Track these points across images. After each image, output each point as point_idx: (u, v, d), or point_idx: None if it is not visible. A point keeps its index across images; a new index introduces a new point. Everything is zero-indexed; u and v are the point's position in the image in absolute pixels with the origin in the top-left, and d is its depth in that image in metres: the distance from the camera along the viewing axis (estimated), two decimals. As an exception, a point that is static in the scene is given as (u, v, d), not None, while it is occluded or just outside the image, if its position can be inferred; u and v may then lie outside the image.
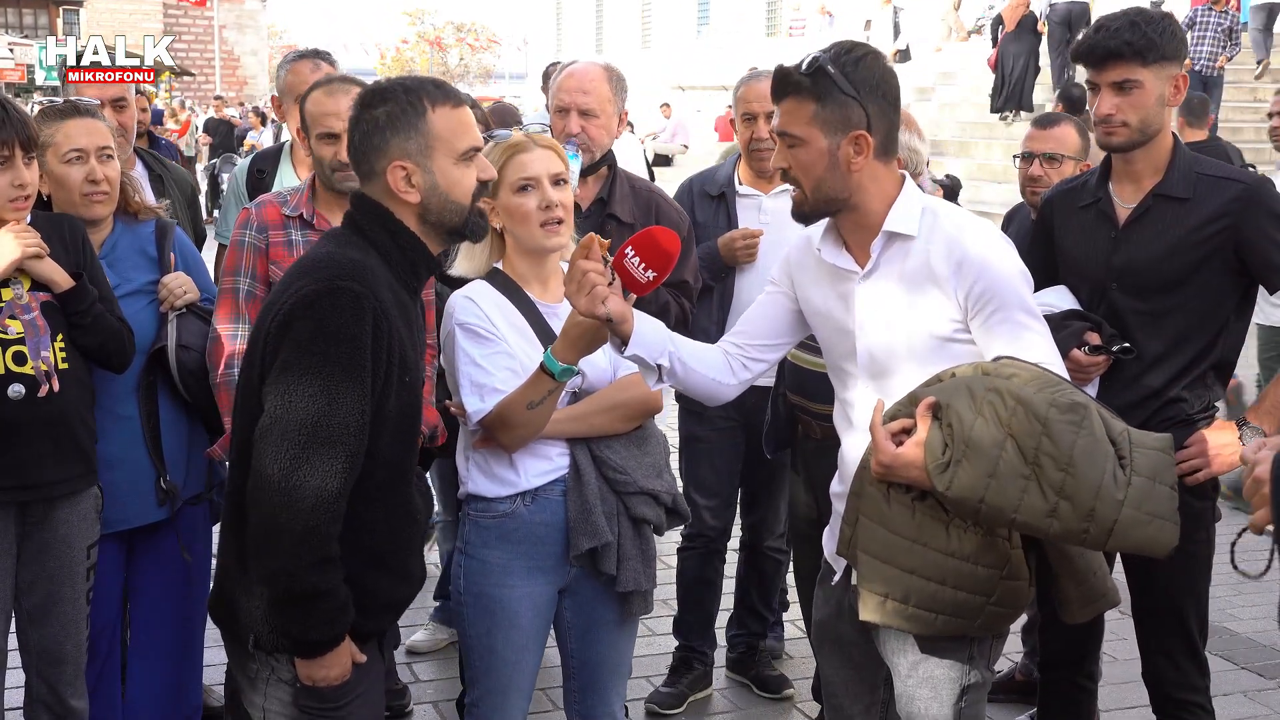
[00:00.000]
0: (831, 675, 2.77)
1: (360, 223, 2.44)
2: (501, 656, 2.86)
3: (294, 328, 2.27)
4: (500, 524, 2.82)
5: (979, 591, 2.35)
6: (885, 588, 2.37)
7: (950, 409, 2.24)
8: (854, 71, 2.41)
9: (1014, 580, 2.38)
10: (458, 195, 2.42)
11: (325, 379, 2.23)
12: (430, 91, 2.41)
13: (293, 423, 2.23)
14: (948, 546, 2.33)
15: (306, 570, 2.25)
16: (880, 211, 2.48)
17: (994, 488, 2.20)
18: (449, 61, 63.47)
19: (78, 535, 3.12)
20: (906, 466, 2.28)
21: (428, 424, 3.68)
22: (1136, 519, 2.21)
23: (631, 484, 2.82)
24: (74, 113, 3.27)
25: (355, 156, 2.44)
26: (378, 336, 2.28)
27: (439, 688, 4.43)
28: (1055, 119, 4.15)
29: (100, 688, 3.39)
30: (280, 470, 2.23)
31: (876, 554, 2.37)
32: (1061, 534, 2.24)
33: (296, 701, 2.41)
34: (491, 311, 2.80)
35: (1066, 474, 2.19)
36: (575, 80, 3.73)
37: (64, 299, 3.05)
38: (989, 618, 2.39)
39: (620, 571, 2.83)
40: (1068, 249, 3.20)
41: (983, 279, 2.41)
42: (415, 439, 2.46)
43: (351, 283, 2.28)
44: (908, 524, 2.34)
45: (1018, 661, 4.46)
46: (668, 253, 2.55)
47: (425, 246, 2.45)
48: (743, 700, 4.39)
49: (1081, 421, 2.21)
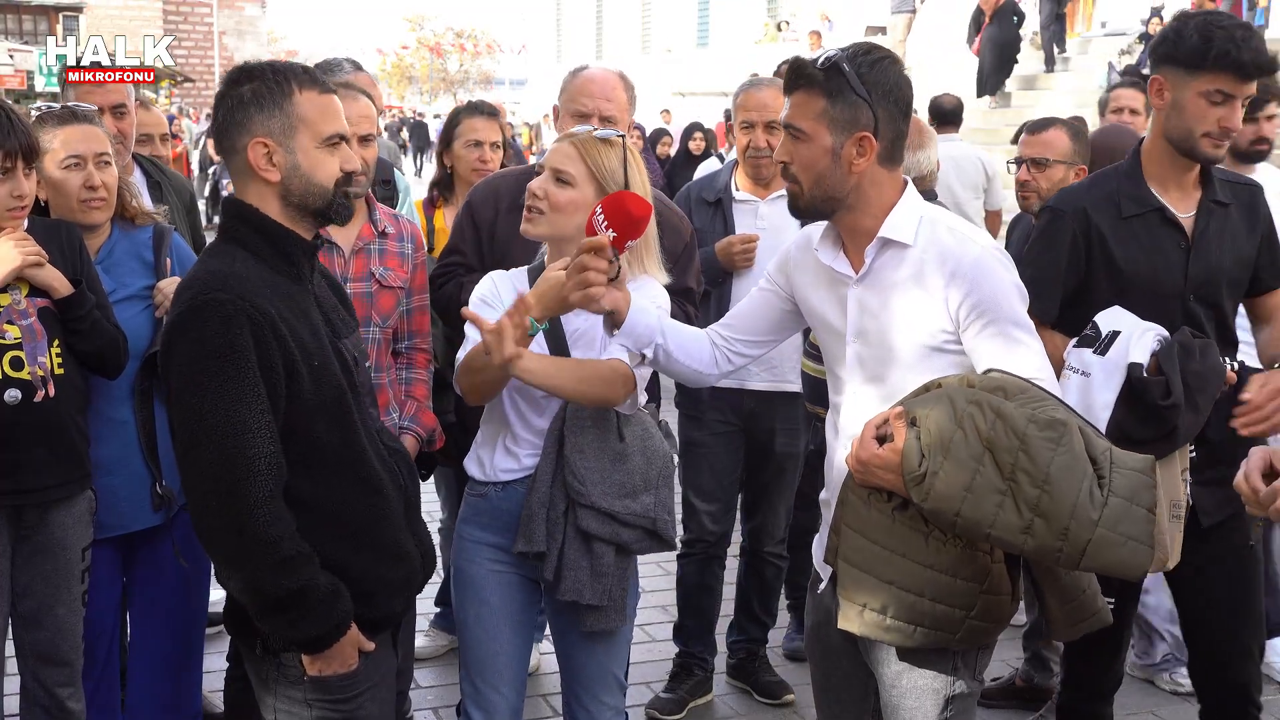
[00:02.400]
0: (822, 682, 2.76)
1: (227, 226, 2.46)
2: (474, 632, 2.95)
3: (173, 353, 2.32)
4: (477, 504, 2.97)
5: (958, 605, 2.32)
6: (864, 597, 2.36)
7: (927, 418, 2.21)
8: (868, 73, 2.40)
9: (995, 595, 2.35)
10: (320, 178, 2.43)
11: (215, 394, 2.26)
12: (299, 75, 2.44)
13: (198, 444, 2.27)
14: (926, 558, 2.30)
15: (268, 576, 2.28)
16: (878, 217, 2.47)
17: (970, 501, 2.17)
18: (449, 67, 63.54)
19: (73, 538, 3.13)
20: (883, 468, 2.25)
21: (425, 428, 3.69)
22: (1110, 540, 2.17)
23: (584, 496, 2.81)
24: (72, 118, 3.27)
25: (218, 133, 2.46)
26: (260, 336, 2.30)
27: (439, 694, 4.42)
28: (1046, 124, 4.21)
29: (99, 695, 3.38)
30: (204, 492, 2.28)
31: (856, 563, 2.36)
32: (1035, 551, 2.21)
33: (307, 698, 2.42)
34: (504, 288, 2.90)
35: (1042, 491, 2.15)
36: (598, 86, 3.66)
37: (62, 305, 3.06)
38: (969, 631, 2.36)
39: (561, 580, 2.83)
40: (1125, 264, 3.03)
41: (977, 291, 2.40)
42: (353, 417, 2.46)
43: (215, 294, 2.30)
44: (887, 533, 2.32)
45: (1017, 668, 4.45)
46: (634, 217, 2.59)
47: (294, 233, 2.46)
48: (743, 706, 4.39)
49: (1060, 439, 2.18)
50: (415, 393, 3.72)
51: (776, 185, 4.37)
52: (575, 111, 3.64)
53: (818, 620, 2.72)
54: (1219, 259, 3.04)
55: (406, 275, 3.66)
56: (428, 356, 3.80)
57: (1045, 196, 4.18)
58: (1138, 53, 16.37)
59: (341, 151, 2.46)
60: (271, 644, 2.41)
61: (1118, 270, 3.04)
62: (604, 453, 2.84)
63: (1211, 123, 2.92)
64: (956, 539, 2.29)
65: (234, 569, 2.32)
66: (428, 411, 3.73)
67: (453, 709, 4.14)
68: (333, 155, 2.45)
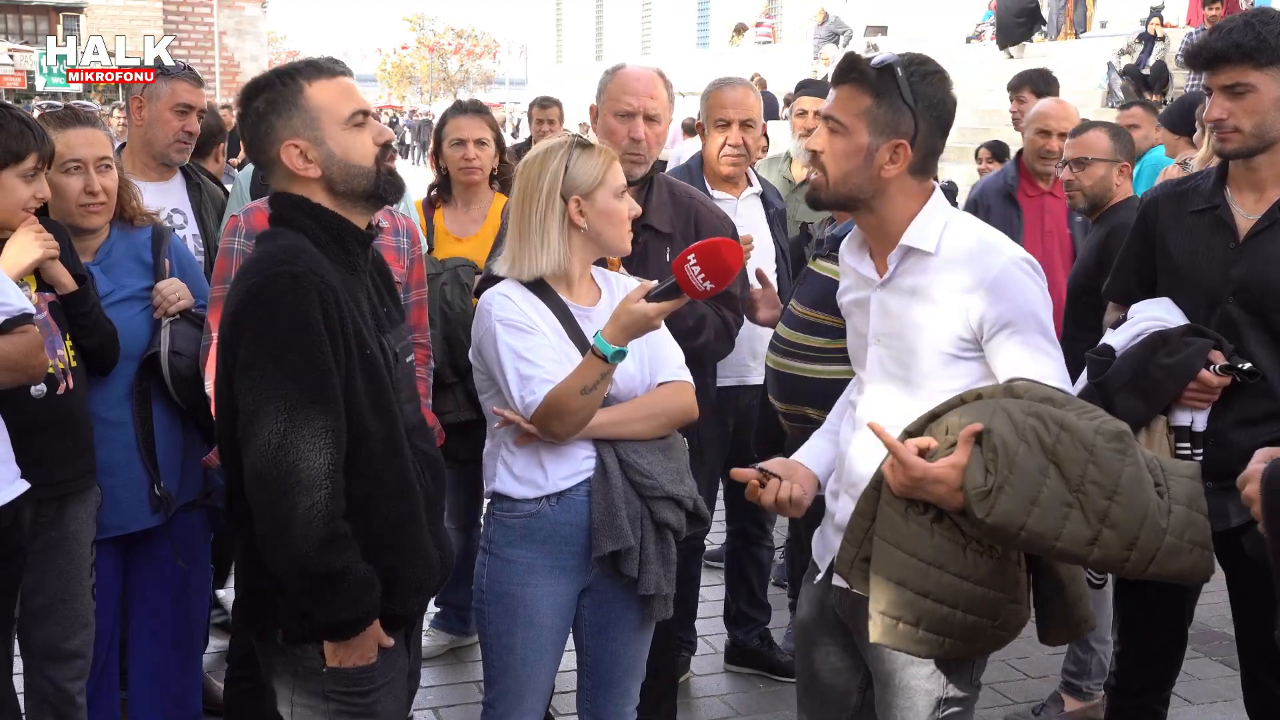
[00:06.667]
0: (808, 674, 2.77)
1: (282, 215, 2.46)
2: (520, 656, 2.89)
3: (243, 325, 2.30)
4: (525, 524, 2.86)
5: (986, 615, 2.33)
6: (898, 611, 2.34)
7: (993, 434, 2.19)
8: (919, 83, 2.41)
9: (1018, 604, 2.37)
10: (357, 159, 2.43)
11: (287, 364, 2.25)
12: (303, 69, 2.43)
13: (268, 414, 2.24)
14: (964, 570, 2.30)
15: (317, 552, 2.26)
16: (902, 223, 2.47)
17: (1036, 515, 2.16)
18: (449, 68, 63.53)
19: (85, 532, 3.15)
20: (937, 484, 2.21)
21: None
22: (1178, 547, 2.19)
23: (658, 489, 2.84)
24: (74, 121, 3.28)
25: (252, 150, 2.46)
26: (327, 310, 2.30)
27: (439, 694, 4.43)
28: (1085, 126, 4.43)
29: (99, 695, 3.38)
30: (267, 462, 2.24)
31: (890, 576, 2.34)
32: (1100, 562, 2.20)
33: (326, 691, 2.42)
34: (526, 307, 2.84)
35: (1113, 502, 2.16)
36: (642, 84, 3.58)
37: (68, 300, 3.09)
38: (988, 640, 2.37)
39: (642, 575, 2.85)
40: (1175, 255, 3.05)
41: (1001, 302, 2.38)
42: (393, 412, 2.46)
43: (287, 266, 2.30)
44: (925, 545, 2.30)
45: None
46: (729, 267, 2.62)
47: (347, 221, 2.46)
48: (742, 705, 4.40)
49: (1127, 450, 2.19)
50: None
51: (744, 184, 4.39)
52: (619, 111, 3.56)
53: (810, 613, 2.72)
54: (1271, 267, 2.91)
55: (403, 270, 3.65)
56: (427, 353, 3.79)
57: (1090, 194, 4.27)
58: (1138, 52, 16.40)
59: (371, 126, 2.45)
60: (294, 633, 2.39)
61: (1170, 262, 3.07)
62: (656, 445, 2.89)
63: (1209, 116, 2.93)
64: (993, 550, 2.29)
65: (282, 541, 2.27)
66: (426, 410, 3.72)
67: (454, 708, 4.16)
68: (362, 132, 2.44)
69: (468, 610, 4.69)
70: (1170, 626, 3.23)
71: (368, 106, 2.48)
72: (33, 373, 2.84)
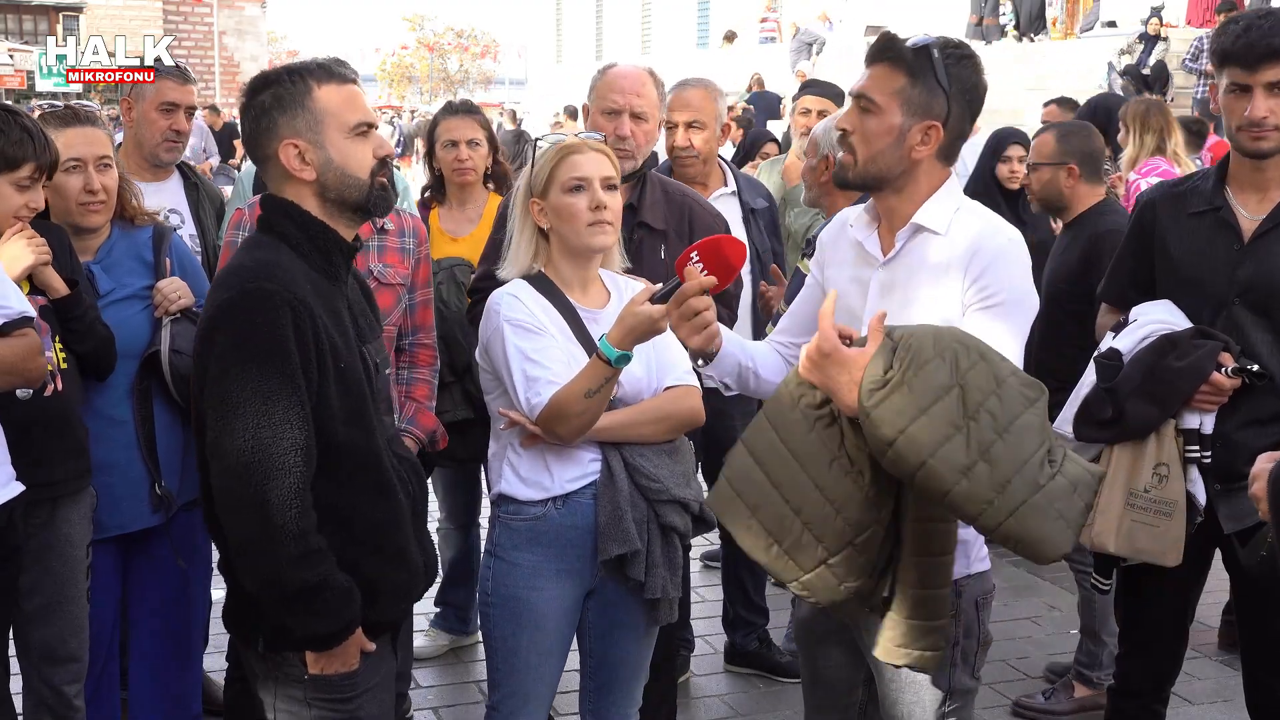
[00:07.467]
0: (811, 671, 2.76)
1: (269, 220, 2.45)
2: (525, 659, 2.88)
3: (215, 339, 2.30)
4: (531, 527, 2.85)
5: (824, 542, 2.21)
6: (742, 485, 2.25)
7: (912, 337, 2.15)
8: (954, 66, 2.41)
9: (860, 555, 2.24)
10: (354, 169, 2.42)
11: (256, 381, 2.25)
12: (315, 71, 2.43)
13: (235, 430, 2.24)
14: (821, 478, 2.20)
15: (290, 569, 2.26)
16: (918, 203, 2.47)
17: (920, 423, 2.07)
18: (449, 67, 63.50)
19: (79, 534, 3.13)
20: (840, 367, 2.15)
21: (425, 429, 3.69)
22: (1044, 509, 2.09)
23: (664, 492, 2.83)
24: (74, 120, 3.27)
25: (250, 144, 2.45)
26: (300, 328, 2.29)
27: (439, 694, 4.43)
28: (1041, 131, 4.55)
29: (99, 695, 3.38)
30: (234, 480, 2.25)
31: (754, 449, 2.25)
32: (963, 497, 2.08)
33: (308, 698, 2.41)
34: (534, 308, 2.83)
35: (1000, 439, 2.08)
36: (629, 82, 3.59)
37: (60, 305, 3.07)
38: (816, 580, 2.24)
39: (648, 578, 2.84)
40: (1176, 257, 3.05)
41: (989, 273, 2.39)
42: (372, 422, 2.45)
43: (261, 283, 2.30)
44: (797, 436, 2.21)
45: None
46: (731, 265, 2.61)
47: (334, 231, 2.45)
48: (742, 705, 4.40)
49: (1035, 400, 2.14)
50: (416, 394, 3.71)
51: (715, 183, 4.38)
52: (606, 108, 3.59)
53: (809, 612, 2.71)
54: (1277, 267, 2.91)
55: (408, 271, 3.65)
56: (432, 354, 3.79)
57: (1039, 196, 4.34)
58: (1138, 52, 16.38)
59: (373, 138, 2.45)
60: (275, 642, 2.40)
61: (1171, 264, 3.06)
62: (662, 448, 2.88)
63: (1239, 115, 2.91)
64: (859, 477, 2.20)
65: (255, 559, 2.28)
66: (427, 413, 3.73)
67: (452, 709, 4.16)
68: (364, 143, 2.43)
69: (468, 610, 4.69)
70: (1172, 626, 3.22)
71: (374, 119, 2.48)
72: (30, 376, 2.83)
